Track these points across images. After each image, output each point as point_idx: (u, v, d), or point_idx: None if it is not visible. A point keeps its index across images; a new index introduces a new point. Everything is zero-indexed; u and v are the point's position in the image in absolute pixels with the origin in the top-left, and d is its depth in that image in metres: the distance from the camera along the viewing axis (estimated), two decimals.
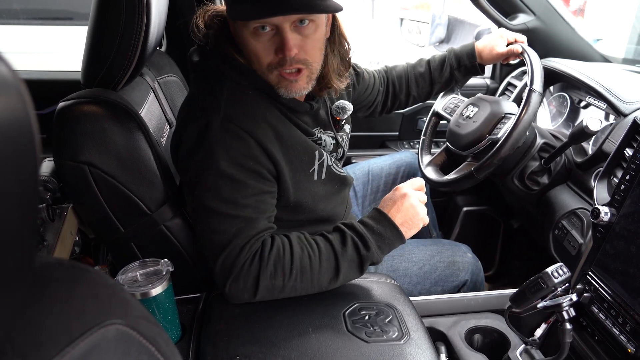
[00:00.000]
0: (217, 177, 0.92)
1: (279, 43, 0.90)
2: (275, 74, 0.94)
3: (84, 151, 0.96)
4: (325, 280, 0.96)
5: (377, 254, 0.97)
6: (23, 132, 0.30)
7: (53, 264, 0.44)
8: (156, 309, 0.89)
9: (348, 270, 0.97)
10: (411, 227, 1.00)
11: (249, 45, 0.92)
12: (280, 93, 0.97)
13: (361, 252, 0.96)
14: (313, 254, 0.95)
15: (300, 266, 0.94)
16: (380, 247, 0.98)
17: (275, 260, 0.92)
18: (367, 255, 0.96)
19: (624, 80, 1.31)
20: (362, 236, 0.97)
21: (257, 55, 0.92)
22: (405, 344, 0.90)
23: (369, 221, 1.00)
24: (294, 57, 0.91)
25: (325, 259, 0.95)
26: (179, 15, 1.64)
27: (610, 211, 0.96)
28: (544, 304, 0.95)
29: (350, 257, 0.96)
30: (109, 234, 1.06)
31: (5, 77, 0.29)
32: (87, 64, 1.02)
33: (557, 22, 1.58)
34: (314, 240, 0.98)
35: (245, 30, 0.90)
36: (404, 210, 0.99)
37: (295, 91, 0.97)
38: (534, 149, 1.31)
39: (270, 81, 0.96)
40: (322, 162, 1.07)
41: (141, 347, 0.43)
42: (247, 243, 0.92)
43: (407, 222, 0.99)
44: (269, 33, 0.90)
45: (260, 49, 0.91)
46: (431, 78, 1.44)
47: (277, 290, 0.94)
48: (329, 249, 0.96)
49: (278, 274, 0.93)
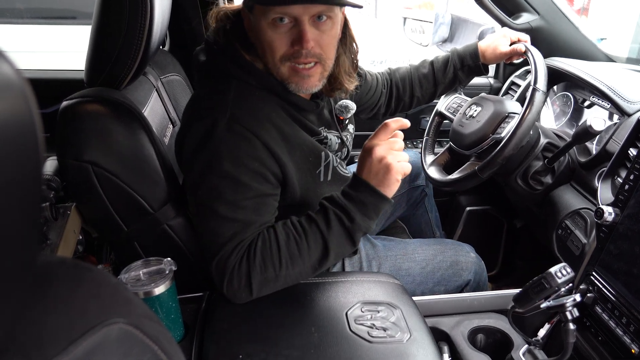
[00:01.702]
0: (220, 178, 0.92)
1: (296, 35, 0.91)
2: (288, 66, 0.95)
3: (87, 150, 0.96)
4: (316, 260, 0.95)
5: (363, 222, 0.94)
6: (27, 130, 0.30)
7: (56, 262, 0.44)
8: (159, 308, 0.89)
9: (338, 245, 0.95)
10: (389, 185, 0.93)
11: (265, 35, 0.92)
12: (290, 88, 0.97)
13: (346, 224, 0.93)
14: (299, 237, 0.94)
15: (289, 253, 0.93)
16: (366, 215, 0.94)
17: (263, 253, 0.92)
18: (353, 227, 0.94)
19: (628, 79, 1.31)
20: (344, 208, 0.94)
21: (272, 45, 0.93)
22: (408, 343, 0.90)
23: (349, 190, 0.96)
24: (310, 51, 0.92)
25: (312, 240, 0.94)
26: (182, 14, 1.65)
27: (614, 211, 0.95)
28: (547, 304, 0.95)
29: (336, 232, 0.94)
30: (112, 232, 1.07)
31: (9, 76, 0.29)
32: (90, 63, 1.03)
33: (561, 21, 1.57)
34: (298, 223, 0.96)
35: (264, 21, 0.91)
36: (375, 170, 0.93)
37: (306, 87, 0.97)
38: (538, 148, 1.31)
39: (282, 74, 0.96)
40: (328, 163, 1.07)
41: (144, 346, 0.43)
42: (239, 244, 0.92)
43: (382, 181, 0.93)
44: (287, 25, 0.91)
45: (276, 39, 0.92)
46: (435, 79, 1.44)
47: (271, 282, 0.94)
48: (314, 228, 0.94)
49: (268, 266, 0.92)
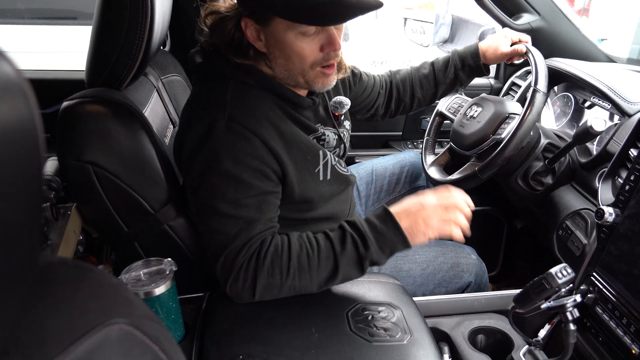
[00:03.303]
0: (221, 177, 0.92)
1: (325, 40, 0.95)
2: (318, 70, 0.98)
3: (88, 150, 0.96)
4: (324, 278, 0.95)
5: (376, 254, 0.94)
6: (27, 131, 0.30)
7: (57, 263, 0.44)
8: (159, 308, 0.89)
9: (347, 268, 0.95)
10: (416, 234, 0.94)
11: (294, 47, 0.94)
12: (316, 88, 1.02)
13: (360, 250, 0.94)
14: (312, 251, 0.94)
15: (298, 264, 0.93)
16: (381, 248, 0.94)
17: (273, 258, 0.92)
18: (366, 254, 0.94)
19: (629, 80, 1.31)
20: (362, 234, 0.94)
21: (303, 54, 0.95)
22: (408, 344, 0.90)
23: (373, 219, 0.97)
24: (338, 52, 0.97)
25: (325, 257, 0.94)
26: (183, 14, 1.64)
27: (614, 212, 0.95)
28: (547, 304, 0.95)
29: (349, 255, 0.94)
30: (113, 233, 1.07)
31: (10, 76, 0.29)
32: (91, 63, 1.03)
33: (562, 22, 1.57)
34: (314, 238, 0.96)
35: (291, 33, 0.93)
36: (414, 216, 0.94)
37: (329, 84, 1.03)
38: (538, 149, 1.31)
39: (308, 78, 0.99)
40: (327, 162, 1.08)
41: (144, 347, 0.43)
42: (247, 243, 0.92)
43: (412, 227, 0.94)
44: (315, 31, 0.94)
45: (306, 48, 0.95)
46: (435, 79, 1.44)
47: (275, 288, 0.94)
48: (328, 246, 0.94)
49: (275, 272, 0.92)
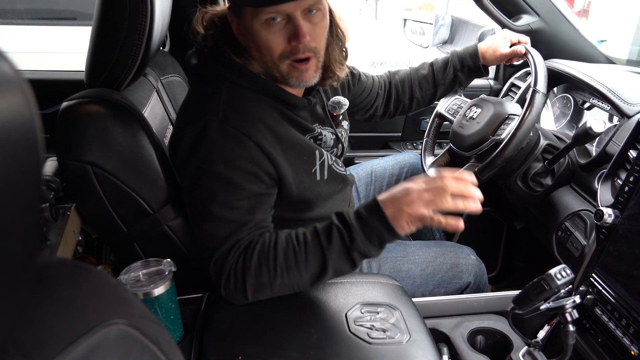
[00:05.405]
0: (214, 180, 0.92)
1: (291, 32, 0.92)
2: (287, 63, 0.96)
3: (87, 151, 0.96)
4: (314, 273, 0.92)
5: (363, 244, 0.90)
6: (27, 131, 0.30)
7: (56, 263, 0.44)
8: (158, 308, 0.89)
9: (336, 261, 0.91)
10: (400, 221, 0.88)
11: (260, 37, 0.93)
12: (291, 83, 0.99)
13: (346, 242, 0.90)
14: (298, 247, 0.92)
15: (285, 261, 0.91)
16: (367, 238, 0.90)
17: (259, 257, 0.91)
18: (352, 245, 0.90)
19: (628, 81, 1.31)
20: (348, 225, 0.91)
21: (269, 45, 0.94)
22: (407, 345, 0.90)
23: (361, 209, 0.93)
24: (307, 45, 0.93)
25: (312, 252, 0.91)
26: (182, 15, 1.65)
27: (613, 213, 0.95)
28: (547, 305, 0.95)
29: (336, 247, 0.91)
30: (112, 233, 1.07)
31: (9, 76, 0.29)
32: (90, 63, 1.03)
33: (561, 23, 1.57)
34: (302, 234, 0.94)
35: (256, 22, 0.91)
36: (397, 202, 0.88)
37: (306, 80, 0.99)
38: (538, 150, 1.31)
39: (282, 72, 0.98)
40: (323, 161, 1.08)
41: (143, 347, 0.43)
42: (235, 245, 0.92)
43: (396, 214, 0.88)
44: (281, 23, 0.92)
45: (272, 38, 0.93)
46: (434, 80, 1.44)
47: (266, 287, 0.93)
48: (315, 241, 0.92)
49: (263, 271, 0.91)
